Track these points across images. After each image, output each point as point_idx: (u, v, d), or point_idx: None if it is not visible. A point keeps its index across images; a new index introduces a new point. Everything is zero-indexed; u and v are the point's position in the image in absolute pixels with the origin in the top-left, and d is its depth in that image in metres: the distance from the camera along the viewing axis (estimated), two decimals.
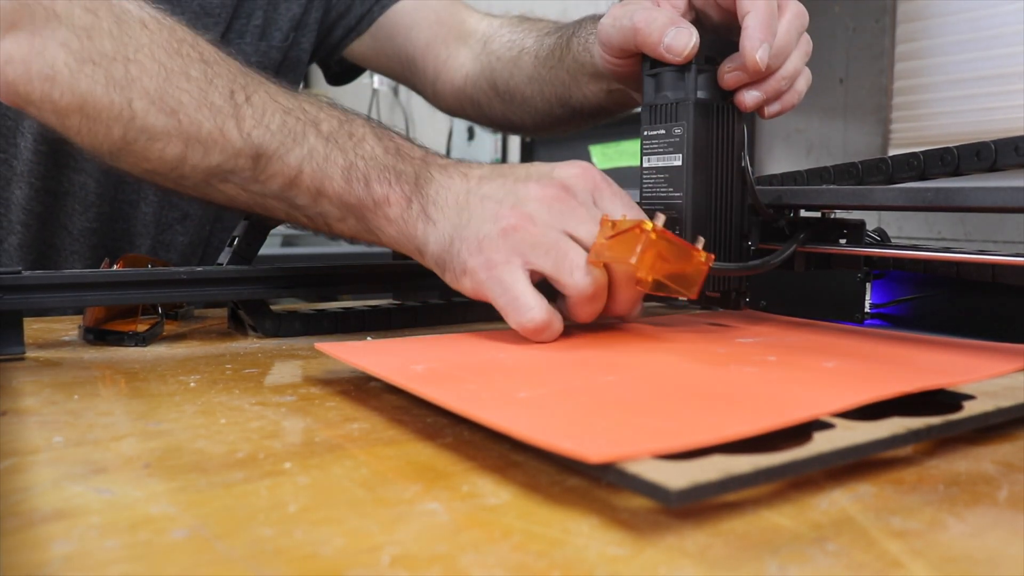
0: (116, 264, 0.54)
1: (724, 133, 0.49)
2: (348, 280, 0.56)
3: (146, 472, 0.27)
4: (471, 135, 2.61)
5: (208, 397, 0.37)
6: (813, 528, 0.23)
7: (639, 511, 0.24)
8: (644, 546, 0.22)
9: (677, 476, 0.22)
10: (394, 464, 0.28)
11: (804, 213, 0.52)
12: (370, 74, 0.91)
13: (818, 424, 0.28)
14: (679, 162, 0.49)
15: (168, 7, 0.48)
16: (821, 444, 0.25)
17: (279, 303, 0.64)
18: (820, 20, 1.83)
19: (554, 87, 0.66)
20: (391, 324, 0.57)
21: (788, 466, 0.24)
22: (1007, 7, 1.60)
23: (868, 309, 0.56)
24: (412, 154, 0.48)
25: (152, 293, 0.49)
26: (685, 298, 0.43)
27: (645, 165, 0.51)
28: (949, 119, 1.73)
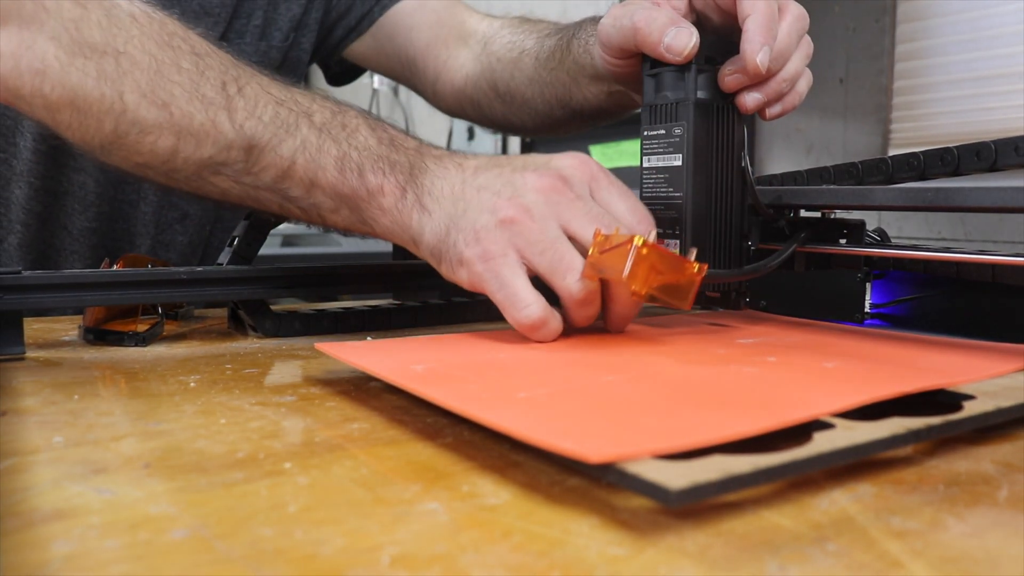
0: (116, 264, 0.54)
1: (724, 133, 0.49)
2: (348, 280, 0.56)
3: (146, 472, 0.27)
4: (471, 135, 2.61)
5: (208, 397, 0.37)
6: (813, 528, 0.23)
7: (639, 511, 0.24)
8: (644, 546, 0.22)
9: (677, 476, 0.22)
10: (394, 464, 0.28)
11: (804, 213, 0.52)
12: (370, 74, 0.91)
13: (818, 424, 0.28)
14: (679, 162, 0.49)
15: (168, 7, 0.48)
16: (821, 444, 0.25)
17: (279, 303, 0.64)
18: (820, 20, 1.83)
19: (554, 88, 0.66)
20: (391, 324, 0.57)
21: (788, 466, 0.24)
22: (1007, 7, 1.60)
23: (868, 309, 0.56)
24: (406, 144, 0.48)
25: (152, 293, 0.49)
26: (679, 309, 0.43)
27: (645, 165, 0.51)
28: (949, 119, 1.73)
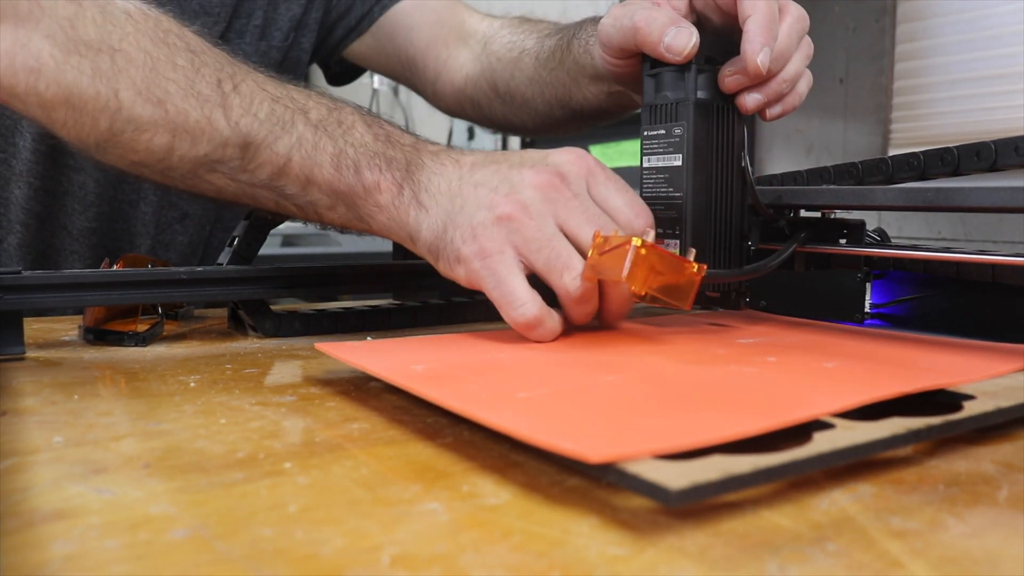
0: (116, 264, 0.54)
1: (724, 133, 0.49)
2: (348, 280, 0.56)
3: (146, 472, 0.27)
4: (471, 135, 2.61)
5: (208, 397, 0.37)
6: (813, 528, 0.23)
7: (639, 511, 0.24)
8: (644, 546, 0.22)
9: (677, 476, 0.22)
10: (394, 464, 0.28)
11: (804, 213, 0.52)
12: (370, 74, 0.91)
13: (818, 424, 0.28)
14: (679, 162, 0.49)
15: (168, 7, 0.48)
16: (821, 444, 0.25)
17: (279, 303, 0.64)
18: (820, 20, 1.83)
19: (554, 89, 0.66)
20: (391, 324, 0.57)
21: (788, 466, 0.24)
22: (1007, 7, 1.60)
23: (868, 309, 0.56)
24: (402, 141, 0.48)
25: (152, 293, 0.49)
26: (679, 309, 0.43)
27: (645, 165, 0.51)
28: (949, 119, 1.73)
